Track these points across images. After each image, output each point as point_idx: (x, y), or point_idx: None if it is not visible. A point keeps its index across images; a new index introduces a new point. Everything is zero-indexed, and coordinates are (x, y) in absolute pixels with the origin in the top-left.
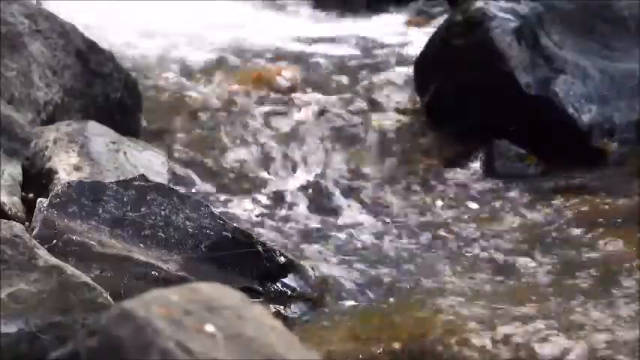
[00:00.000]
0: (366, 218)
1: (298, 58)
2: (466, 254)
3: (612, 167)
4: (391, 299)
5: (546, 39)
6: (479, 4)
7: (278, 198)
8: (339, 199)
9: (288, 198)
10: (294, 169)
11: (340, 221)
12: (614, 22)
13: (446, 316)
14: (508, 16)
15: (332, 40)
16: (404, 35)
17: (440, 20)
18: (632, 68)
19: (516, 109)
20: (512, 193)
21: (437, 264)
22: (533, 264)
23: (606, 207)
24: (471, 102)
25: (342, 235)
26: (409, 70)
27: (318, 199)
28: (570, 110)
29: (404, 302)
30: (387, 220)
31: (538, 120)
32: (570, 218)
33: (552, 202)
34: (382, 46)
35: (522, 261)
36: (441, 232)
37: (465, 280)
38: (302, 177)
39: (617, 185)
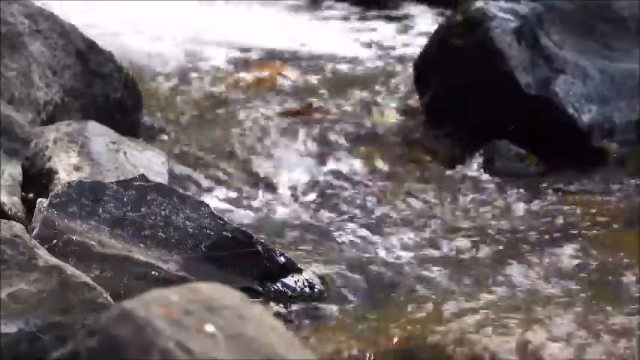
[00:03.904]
0: (366, 218)
1: (299, 58)
2: (466, 254)
3: (612, 167)
4: (392, 299)
5: (546, 39)
6: (479, 4)
7: (278, 198)
8: (338, 198)
9: (289, 198)
10: (294, 169)
11: (340, 220)
12: (614, 22)
13: (446, 317)
14: (508, 16)
15: (333, 39)
16: (404, 35)
17: None
18: (632, 68)
19: (516, 109)
20: (512, 193)
21: (437, 264)
22: (533, 264)
23: (606, 207)
24: (470, 102)
25: (342, 235)
26: (409, 70)
27: (319, 198)
28: (570, 110)
29: (404, 302)
30: (387, 219)
31: (538, 120)
32: (570, 218)
33: (552, 202)
34: (383, 45)
35: (522, 261)
36: (441, 232)
37: (466, 280)
38: (302, 177)
39: (617, 185)
